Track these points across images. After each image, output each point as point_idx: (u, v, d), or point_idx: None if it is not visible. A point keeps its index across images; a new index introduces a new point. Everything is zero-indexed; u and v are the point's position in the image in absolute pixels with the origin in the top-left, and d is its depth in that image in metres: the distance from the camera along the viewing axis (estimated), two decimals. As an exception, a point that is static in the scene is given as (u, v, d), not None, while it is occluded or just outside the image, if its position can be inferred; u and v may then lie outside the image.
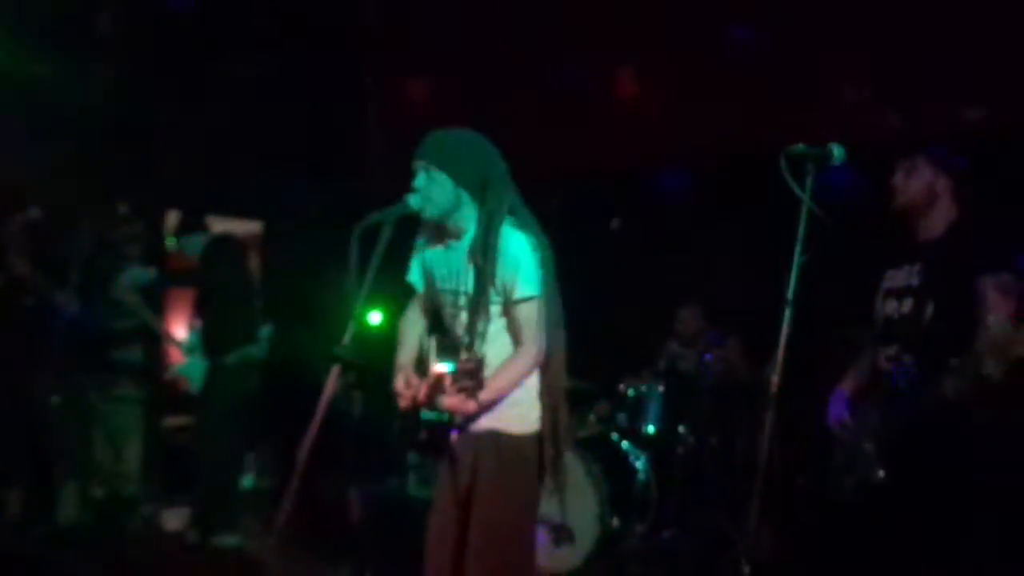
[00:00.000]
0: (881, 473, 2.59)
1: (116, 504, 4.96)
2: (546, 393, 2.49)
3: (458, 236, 2.52)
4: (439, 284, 2.59)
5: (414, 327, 2.68)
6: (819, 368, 3.00)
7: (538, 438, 2.48)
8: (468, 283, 2.47)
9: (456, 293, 2.52)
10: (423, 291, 2.68)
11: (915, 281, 2.70)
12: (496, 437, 2.45)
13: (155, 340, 4.90)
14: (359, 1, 6.04)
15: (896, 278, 2.78)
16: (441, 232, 2.55)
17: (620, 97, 5.01)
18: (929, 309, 2.60)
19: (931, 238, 2.73)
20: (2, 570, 3.96)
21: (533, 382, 2.47)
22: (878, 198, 2.79)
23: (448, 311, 2.57)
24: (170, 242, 4.76)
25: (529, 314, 2.41)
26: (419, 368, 2.54)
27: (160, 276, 4.83)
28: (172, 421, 5.44)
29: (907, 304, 2.69)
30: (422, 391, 2.36)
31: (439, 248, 2.59)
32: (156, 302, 4.92)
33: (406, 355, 2.60)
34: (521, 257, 2.41)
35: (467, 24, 5.56)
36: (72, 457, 4.86)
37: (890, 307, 2.77)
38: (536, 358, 2.43)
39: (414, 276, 2.68)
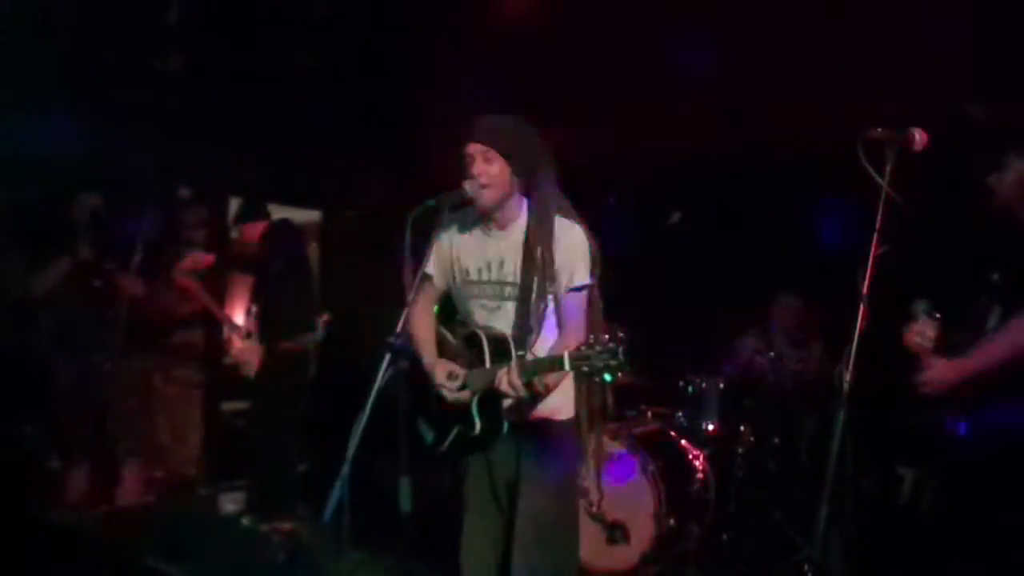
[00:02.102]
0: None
1: (175, 485, 5.06)
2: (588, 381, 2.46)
3: (503, 225, 2.45)
4: (472, 276, 2.50)
5: (428, 319, 2.61)
6: (897, 368, 2.85)
7: (576, 423, 2.50)
8: (515, 273, 2.41)
9: (500, 284, 2.45)
10: (443, 282, 2.60)
11: (995, 281, 2.57)
12: (543, 426, 2.45)
13: (215, 325, 4.96)
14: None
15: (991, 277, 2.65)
16: (481, 220, 2.48)
17: (687, 84, 4.86)
18: (994, 315, 2.47)
19: (1020, 236, 2.58)
20: (64, 546, 4.06)
21: None
22: (974, 191, 2.67)
23: (484, 303, 2.48)
24: (231, 228, 4.82)
25: (581, 302, 2.40)
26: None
27: (221, 261, 4.88)
28: (231, 405, 5.51)
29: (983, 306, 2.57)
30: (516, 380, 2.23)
31: (466, 238, 2.52)
32: (217, 287, 4.98)
33: (432, 349, 2.53)
34: (579, 246, 2.40)
35: (522, 12, 5.45)
36: (134, 438, 4.97)
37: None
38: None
39: (431, 267, 2.56)
